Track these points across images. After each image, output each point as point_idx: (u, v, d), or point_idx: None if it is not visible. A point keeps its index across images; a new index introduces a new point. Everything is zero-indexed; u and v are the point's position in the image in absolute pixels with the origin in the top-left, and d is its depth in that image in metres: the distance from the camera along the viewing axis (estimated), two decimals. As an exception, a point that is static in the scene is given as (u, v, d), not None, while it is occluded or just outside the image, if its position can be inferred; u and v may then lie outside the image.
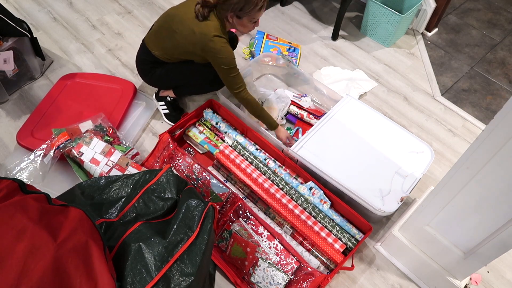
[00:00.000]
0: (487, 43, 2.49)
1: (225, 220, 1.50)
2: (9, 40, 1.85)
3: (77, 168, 1.61)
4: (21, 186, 0.92)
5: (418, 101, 2.12)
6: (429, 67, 2.31)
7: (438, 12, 2.37)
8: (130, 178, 1.30)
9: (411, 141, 1.65)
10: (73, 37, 2.31)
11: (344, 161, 1.58)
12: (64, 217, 0.92)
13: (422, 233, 1.28)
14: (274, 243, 1.43)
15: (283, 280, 1.37)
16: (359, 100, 1.82)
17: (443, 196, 1.10)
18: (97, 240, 0.93)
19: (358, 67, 2.27)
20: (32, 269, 0.77)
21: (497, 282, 1.51)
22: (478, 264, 1.18)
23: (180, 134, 1.80)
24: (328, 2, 2.69)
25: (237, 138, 1.75)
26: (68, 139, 1.59)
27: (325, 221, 1.51)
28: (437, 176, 1.80)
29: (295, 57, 2.24)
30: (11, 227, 0.81)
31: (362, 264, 1.53)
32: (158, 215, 1.19)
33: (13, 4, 2.47)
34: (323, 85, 1.93)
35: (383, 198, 1.48)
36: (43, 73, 2.09)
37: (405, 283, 1.49)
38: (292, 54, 2.24)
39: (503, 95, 2.19)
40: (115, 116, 1.84)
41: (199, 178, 1.57)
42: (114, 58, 2.21)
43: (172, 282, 0.99)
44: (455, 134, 1.98)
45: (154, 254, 1.02)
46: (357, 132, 1.68)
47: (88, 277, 0.85)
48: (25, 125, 1.77)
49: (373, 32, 2.40)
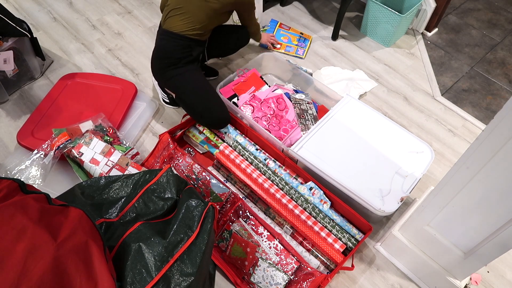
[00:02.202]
0: (487, 43, 2.49)
1: (225, 220, 1.50)
2: (9, 40, 1.85)
3: (77, 168, 1.61)
4: (21, 186, 0.92)
5: (418, 101, 2.12)
6: (429, 67, 2.31)
7: (438, 12, 2.37)
8: (130, 178, 1.30)
9: (411, 141, 1.65)
10: (73, 37, 2.31)
11: (344, 161, 1.58)
12: (64, 217, 0.92)
13: (422, 233, 1.28)
14: (274, 243, 1.43)
15: (283, 280, 1.37)
16: (359, 100, 1.82)
17: (443, 196, 1.10)
18: (97, 240, 0.93)
19: (358, 67, 2.27)
20: (32, 269, 0.77)
21: (497, 282, 1.51)
22: (478, 264, 1.18)
23: (180, 134, 1.80)
24: (328, 2, 2.69)
25: (237, 138, 1.75)
26: (68, 139, 1.60)
27: (325, 221, 1.51)
28: (437, 176, 1.80)
29: (304, 47, 2.33)
30: (11, 227, 0.81)
31: (362, 264, 1.53)
32: (158, 215, 1.19)
33: (13, 4, 2.47)
34: (323, 85, 1.93)
35: (383, 198, 1.48)
36: (43, 73, 2.09)
37: (405, 283, 1.49)
38: (302, 44, 2.34)
39: (503, 95, 2.19)
40: (115, 116, 1.84)
41: (199, 178, 1.57)
42: (114, 58, 2.21)
43: (172, 282, 0.99)
44: (455, 134, 1.98)
45: (154, 254, 1.02)
46: (357, 132, 1.68)
47: (88, 277, 0.85)
48: (26, 125, 1.78)
49: (373, 32, 2.40)
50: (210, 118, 1.69)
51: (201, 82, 1.68)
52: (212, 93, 1.70)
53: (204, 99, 1.67)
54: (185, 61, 1.65)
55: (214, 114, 1.68)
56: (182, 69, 1.65)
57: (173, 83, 1.68)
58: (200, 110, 1.68)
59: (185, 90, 1.67)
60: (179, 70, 1.65)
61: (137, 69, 2.14)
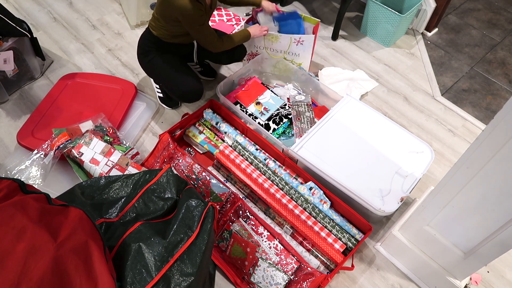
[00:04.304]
0: (487, 43, 2.49)
1: (225, 220, 1.50)
2: (9, 40, 1.85)
3: (77, 168, 1.61)
4: (21, 186, 0.92)
5: (418, 101, 2.12)
6: (429, 67, 2.31)
7: (438, 12, 2.37)
8: (130, 178, 1.30)
9: (411, 141, 1.65)
10: (73, 37, 2.31)
11: (344, 161, 1.58)
12: (64, 217, 0.92)
13: (422, 233, 1.28)
14: (274, 243, 1.43)
15: (283, 280, 1.37)
16: (359, 100, 1.82)
17: (443, 196, 1.10)
18: (97, 240, 0.94)
19: (358, 67, 2.27)
20: (32, 269, 0.77)
21: (497, 282, 1.51)
22: (478, 264, 1.18)
23: (180, 134, 1.80)
24: (328, 2, 2.69)
25: (237, 138, 1.75)
26: (68, 139, 1.60)
27: (325, 221, 1.51)
28: (437, 176, 1.80)
29: None
30: (11, 227, 0.81)
31: (362, 264, 1.53)
32: (158, 215, 1.19)
33: (13, 4, 2.47)
34: (324, 85, 1.92)
35: (383, 198, 1.48)
36: (43, 73, 2.09)
37: (405, 283, 1.49)
38: None
39: (503, 95, 2.19)
40: (115, 116, 1.84)
41: (199, 178, 1.57)
42: (114, 58, 2.21)
43: (172, 282, 1.00)
44: (455, 134, 1.98)
45: (154, 254, 1.02)
46: (357, 132, 1.68)
47: (88, 277, 0.85)
48: (26, 125, 1.78)
49: (373, 32, 2.40)
50: (181, 90, 1.79)
51: (172, 61, 1.77)
52: (182, 68, 1.79)
53: (173, 73, 1.77)
54: (154, 53, 1.76)
55: (185, 86, 1.77)
56: (152, 55, 1.76)
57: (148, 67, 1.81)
58: (171, 85, 1.80)
59: (157, 70, 1.79)
60: (150, 56, 1.76)
61: (137, 69, 2.14)
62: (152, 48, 1.75)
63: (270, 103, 1.90)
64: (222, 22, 2.46)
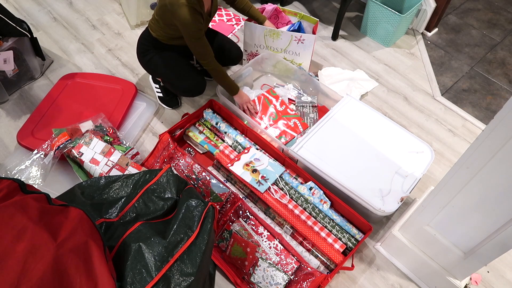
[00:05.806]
0: (487, 43, 2.49)
1: (225, 220, 1.50)
2: (9, 40, 1.85)
3: (77, 168, 1.61)
4: (21, 186, 0.92)
5: (418, 101, 2.12)
6: (429, 67, 2.31)
7: (438, 12, 2.37)
8: (130, 178, 1.30)
9: (411, 141, 1.65)
10: (73, 37, 2.31)
11: (344, 161, 1.58)
12: (64, 217, 0.92)
13: (422, 233, 1.28)
14: (274, 243, 1.43)
15: (283, 280, 1.37)
16: (359, 100, 1.82)
17: (443, 196, 1.10)
18: (97, 240, 0.94)
19: (358, 67, 2.27)
20: (32, 269, 0.77)
21: (497, 282, 1.51)
22: (478, 264, 1.18)
23: (180, 134, 1.80)
24: (328, 2, 2.69)
25: (237, 138, 1.75)
26: (68, 139, 1.60)
27: (325, 221, 1.51)
28: (437, 176, 1.80)
29: None
30: (11, 227, 0.81)
31: (362, 264, 1.53)
32: (158, 215, 1.19)
33: (13, 4, 2.47)
34: (324, 85, 1.92)
35: (383, 198, 1.48)
36: (43, 73, 2.09)
37: (405, 283, 1.49)
38: None
39: (503, 95, 2.19)
40: (115, 116, 1.84)
41: (199, 178, 1.57)
42: (114, 58, 2.21)
43: (172, 282, 1.00)
44: (455, 134, 1.98)
45: (154, 254, 1.02)
46: (357, 132, 1.68)
47: (88, 277, 0.85)
48: (26, 125, 1.78)
49: (373, 32, 2.40)
50: (183, 84, 1.80)
51: (172, 57, 1.77)
52: (182, 63, 1.79)
53: (174, 69, 1.77)
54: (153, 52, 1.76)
55: (186, 80, 1.78)
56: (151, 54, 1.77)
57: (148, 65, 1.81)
58: (173, 80, 1.80)
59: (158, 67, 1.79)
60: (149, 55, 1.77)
61: (137, 69, 2.14)
62: (151, 47, 1.75)
63: (269, 171, 1.61)
64: (222, 22, 2.46)
